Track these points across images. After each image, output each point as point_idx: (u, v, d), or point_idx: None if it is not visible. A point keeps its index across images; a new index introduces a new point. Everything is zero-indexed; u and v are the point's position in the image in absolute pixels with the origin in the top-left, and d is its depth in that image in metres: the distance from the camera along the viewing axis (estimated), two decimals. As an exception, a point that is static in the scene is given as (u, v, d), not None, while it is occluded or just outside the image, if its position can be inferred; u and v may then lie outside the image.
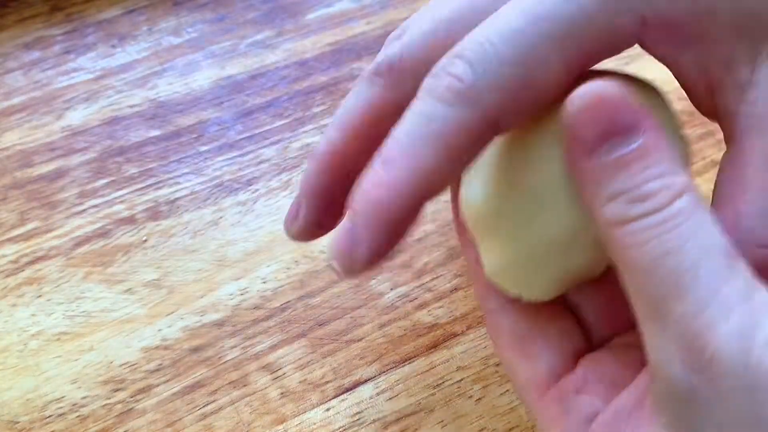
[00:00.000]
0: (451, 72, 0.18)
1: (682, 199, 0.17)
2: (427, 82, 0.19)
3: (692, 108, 0.22)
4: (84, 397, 0.30)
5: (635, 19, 0.19)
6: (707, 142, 0.37)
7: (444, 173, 0.18)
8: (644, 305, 0.17)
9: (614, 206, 0.17)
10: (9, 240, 0.35)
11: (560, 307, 0.23)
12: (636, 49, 0.20)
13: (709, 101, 0.21)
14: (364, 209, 0.19)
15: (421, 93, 0.19)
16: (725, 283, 0.16)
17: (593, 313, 0.23)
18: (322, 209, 0.23)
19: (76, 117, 0.39)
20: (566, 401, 0.21)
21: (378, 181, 0.18)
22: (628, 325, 0.21)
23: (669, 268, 0.16)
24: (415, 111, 0.19)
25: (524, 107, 0.19)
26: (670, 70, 0.21)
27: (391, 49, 0.21)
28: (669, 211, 0.17)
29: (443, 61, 0.19)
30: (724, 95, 0.20)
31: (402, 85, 0.21)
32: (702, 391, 0.16)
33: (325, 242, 0.34)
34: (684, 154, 0.20)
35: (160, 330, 0.32)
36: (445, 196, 0.36)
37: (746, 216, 0.19)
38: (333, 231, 0.22)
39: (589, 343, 0.23)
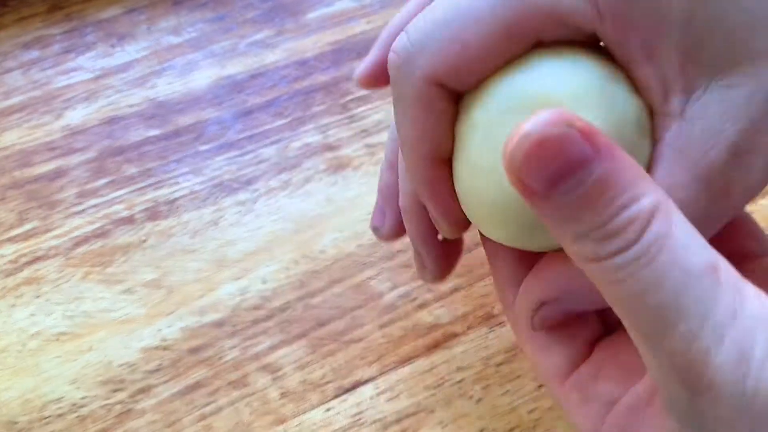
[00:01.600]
0: (393, 48, 0.20)
1: (653, 225, 0.15)
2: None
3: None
4: (83, 398, 0.30)
5: (588, 6, 0.18)
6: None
7: (428, 139, 0.20)
8: (634, 333, 0.16)
9: (582, 246, 0.16)
10: (8, 240, 0.35)
11: None
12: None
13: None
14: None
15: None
16: (712, 307, 0.15)
17: None
18: (441, 250, 0.26)
19: (75, 116, 0.39)
20: (585, 389, 0.21)
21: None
22: None
23: (650, 305, 0.15)
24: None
25: (462, 68, 0.19)
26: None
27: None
28: (641, 245, 0.15)
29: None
30: (657, 118, 0.19)
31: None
32: (705, 410, 0.16)
33: (325, 242, 0.34)
34: (639, 118, 0.19)
35: (159, 330, 0.32)
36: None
37: None
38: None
39: (605, 325, 0.23)
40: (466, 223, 0.22)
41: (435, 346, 0.31)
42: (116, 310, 0.32)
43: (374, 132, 0.38)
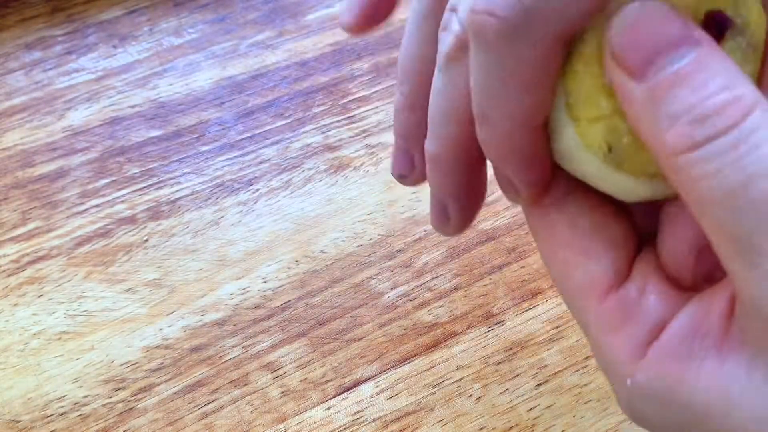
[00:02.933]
0: (494, 12, 0.17)
1: (756, 113, 0.14)
2: (470, 28, 0.17)
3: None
4: (85, 396, 0.30)
5: None
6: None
7: (539, 105, 0.18)
8: (727, 242, 0.15)
9: (677, 129, 0.15)
10: (10, 239, 0.35)
11: (615, 207, 0.21)
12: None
13: None
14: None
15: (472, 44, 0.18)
16: None
17: (642, 209, 0.21)
18: (472, 202, 0.23)
19: (77, 117, 0.39)
20: (629, 307, 0.19)
21: (491, 144, 0.19)
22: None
23: (751, 199, 0.14)
24: (476, 66, 0.18)
25: (590, 11, 0.17)
26: None
27: (464, 13, 0.19)
28: (744, 128, 0.14)
29: None
30: None
31: None
32: None
33: (325, 242, 0.34)
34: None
35: (161, 329, 0.32)
36: (445, 196, 0.36)
37: None
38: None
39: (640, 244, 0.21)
40: (546, 188, 0.20)
41: (435, 345, 0.32)
42: (118, 310, 0.33)
43: (375, 132, 0.38)
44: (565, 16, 0.16)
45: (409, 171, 0.24)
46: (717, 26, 0.17)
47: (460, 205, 0.23)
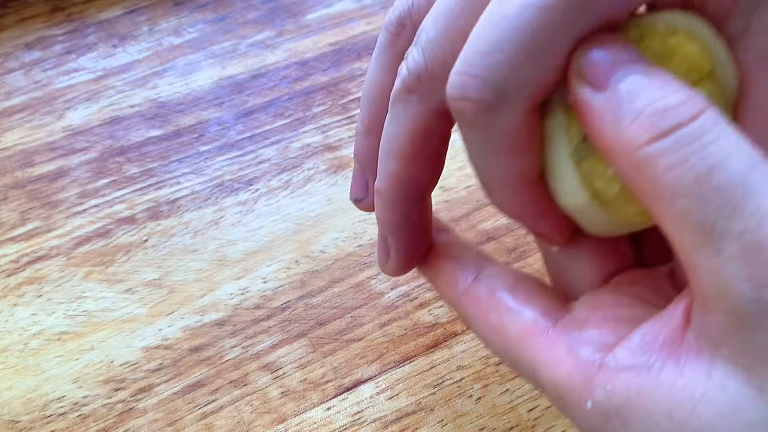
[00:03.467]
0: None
1: (708, 113, 0.15)
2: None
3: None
4: (85, 397, 0.30)
5: None
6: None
7: (529, 164, 0.19)
8: (692, 231, 0.16)
9: (642, 121, 0.16)
10: (10, 239, 0.35)
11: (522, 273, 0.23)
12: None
13: None
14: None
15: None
16: None
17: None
18: (410, 241, 0.24)
19: (76, 117, 0.39)
20: (571, 339, 0.19)
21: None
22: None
23: (716, 185, 0.15)
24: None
25: (554, 76, 0.18)
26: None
27: (413, 60, 0.20)
28: (702, 122, 0.15)
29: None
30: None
31: (438, 91, 0.20)
32: None
33: (325, 242, 0.34)
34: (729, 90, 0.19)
35: (160, 329, 0.32)
36: (445, 196, 0.36)
37: None
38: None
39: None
40: (573, 229, 0.21)
41: (435, 346, 0.31)
42: (117, 310, 0.33)
43: (374, 132, 0.38)
44: (531, 87, 0.18)
45: (363, 196, 0.25)
46: None
47: (399, 243, 0.24)
